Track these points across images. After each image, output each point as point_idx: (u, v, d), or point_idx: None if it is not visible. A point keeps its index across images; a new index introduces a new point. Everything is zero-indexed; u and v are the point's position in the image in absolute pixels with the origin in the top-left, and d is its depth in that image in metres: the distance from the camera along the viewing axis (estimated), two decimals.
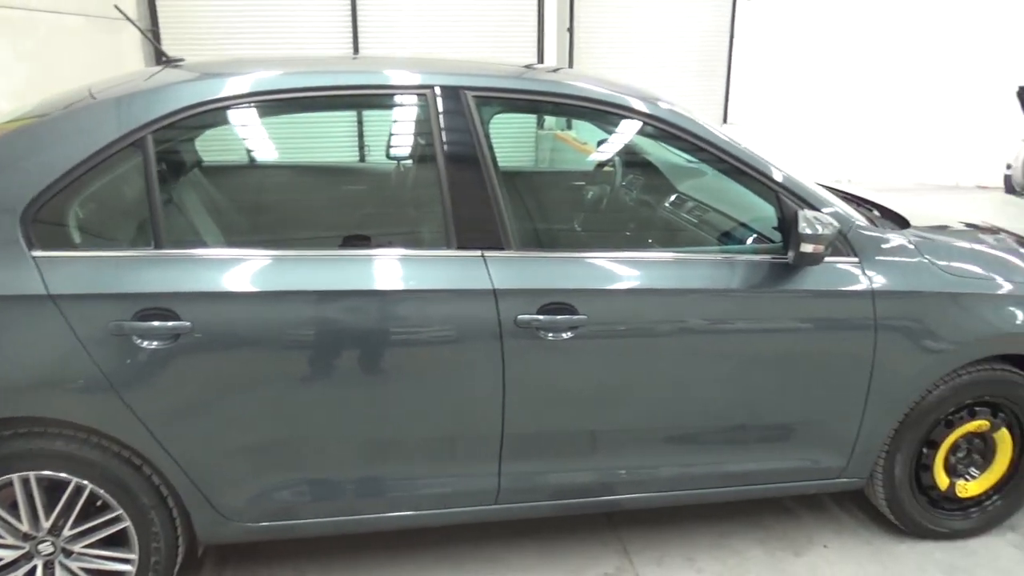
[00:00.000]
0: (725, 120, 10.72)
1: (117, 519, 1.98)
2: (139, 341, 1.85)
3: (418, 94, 2.12)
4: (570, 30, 9.20)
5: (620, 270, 2.12)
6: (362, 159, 6.62)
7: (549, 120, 7.74)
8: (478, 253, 2.03)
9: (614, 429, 2.21)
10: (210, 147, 2.54)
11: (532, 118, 7.47)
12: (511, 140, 7.75)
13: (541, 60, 9.01)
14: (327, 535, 2.34)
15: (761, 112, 9.95)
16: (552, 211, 3.14)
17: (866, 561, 2.43)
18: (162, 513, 2.02)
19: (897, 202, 2.82)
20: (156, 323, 1.85)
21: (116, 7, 2.84)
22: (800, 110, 9.42)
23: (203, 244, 2.14)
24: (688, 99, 9.85)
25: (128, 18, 2.66)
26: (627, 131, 2.57)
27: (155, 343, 1.86)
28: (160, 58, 2.46)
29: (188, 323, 1.86)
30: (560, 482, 2.23)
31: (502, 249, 2.05)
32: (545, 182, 3.64)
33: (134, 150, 1.90)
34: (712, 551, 2.46)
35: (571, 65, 9.37)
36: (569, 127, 7.28)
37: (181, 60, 2.36)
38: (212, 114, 2.00)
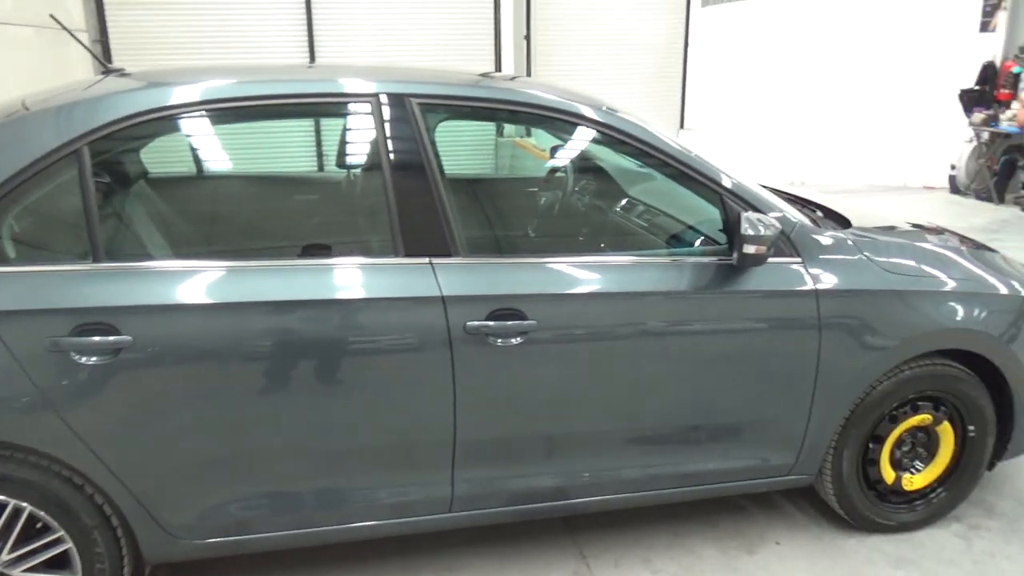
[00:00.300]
0: (682, 126, 10.88)
1: (58, 541, 1.93)
2: (77, 357, 1.81)
3: (363, 102, 2.11)
4: (527, 38, 9.25)
5: (569, 275, 2.14)
6: (320, 168, 6.58)
7: (508, 128, 7.79)
8: (426, 260, 2.02)
9: (567, 433, 2.22)
10: (155, 158, 2.50)
11: (491, 126, 7.51)
12: (471, 147, 7.79)
13: (499, 68, 9.05)
14: (280, 549, 2.30)
15: (717, 117, 10.12)
16: (506, 217, 3.15)
17: (817, 556, 2.47)
18: (106, 533, 1.97)
19: (846, 203, 2.89)
20: (95, 338, 1.81)
21: (52, 16, 2.77)
22: (754, 115, 9.61)
23: (146, 256, 2.10)
24: (645, 105, 10.03)
25: (63, 26, 2.60)
26: (576, 137, 2.60)
27: (94, 359, 1.82)
28: (102, 68, 2.41)
29: (129, 337, 1.83)
30: (515, 488, 2.23)
31: (450, 256, 2.05)
32: (501, 189, 3.65)
33: (70, 161, 1.86)
34: (668, 551, 2.48)
35: (529, 73, 9.42)
36: (528, 134, 7.34)
37: (120, 69, 2.32)
38: (152, 124, 1.97)
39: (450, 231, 2.05)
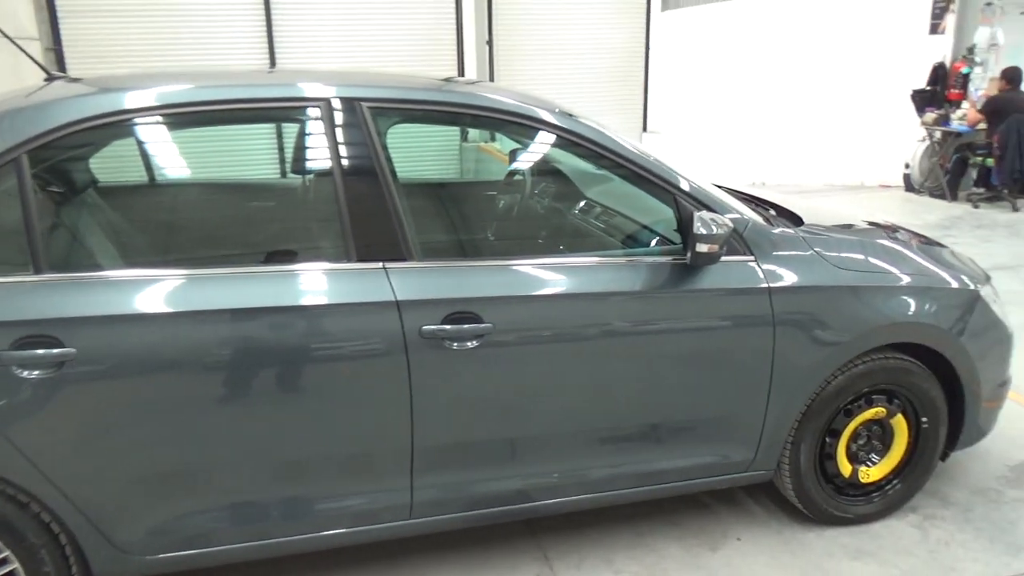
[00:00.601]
0: (645, 128, 10.97)
1: (4, 561, 1.87)
2: (19, 371, 1.76)
3: (313, 106, 2.09)
4: (489, 43, 9.27)
5: (525, 277, 2.14)
6: (283, 174, 6.50)
7: (473, 132, 7.79)
8: (379, 265, 2.01)
9: (527, 436, 2.21)
10: (101, 165, 2.45)
11: (455, 131, 7.51)
12: (435, 152, 7.77)
13: (462, 73, 9.05)
14: (236, 562, 2.26)
15: (679, 120, 10.23)
16: (464, 221, 3.14)
17: (778, 551, 2.50)
18: (54, 552, 1.91)
19: (803, 203, 2.93)
20: (38, 351, 1.76)
21: None
22: (716, 118, 9.74)
23: (93, 267, 2.04)
24: (608, 109, 10.10)
25: (3, 32, 2.53)
26: (531, 139, 2.61)
27: (37, 372, 1.77)
28: (46, 75, 2.35)
29: (73, 350, 1.78)
30: (475, 492, 2.21)
31: (404, 260, 2.03)
32: (460, 192, 3.64)
33: (8, 170, 1.81)
34: (630, 551, 2.49)
35: (492, 78, 9.44)
36: (493, 139, 7.34)
37: (65, 76, 2.27)
38: (96, 131, 1.93)
39: (403, 235, 2.04)
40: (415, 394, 2.03)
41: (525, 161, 3.12)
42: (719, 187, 2.55)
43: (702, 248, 2.10)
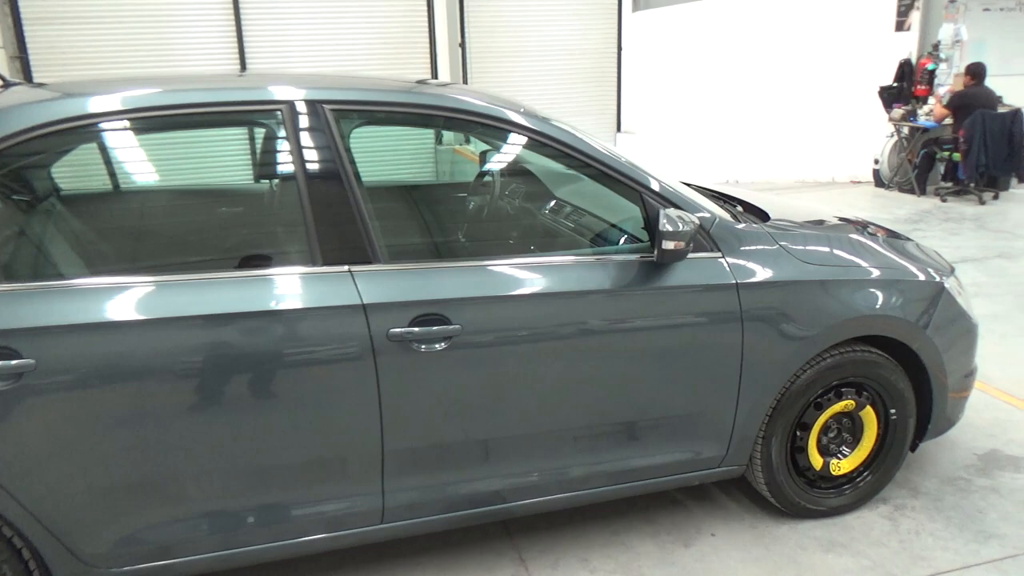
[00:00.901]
0: (619, 128, 11.02)
1: None
2: None
3: (276, 109, 2.07)
4: (462, 46, 9.26)
5: (493, 277, 2.13)
6: (256, 179, 6.44)
7: (447, 135, 7.77)
8: (344, 268, 1.99)
9: (499, 437, 2.20)
10: (64, 172, 2.40)
11: (428, 133, 7.48)
12: (410, 155, 7.74)
13: (435, 76, 9.03)
14: (208, 572, 2.23)
15: (652, 120, 10.29)
16: (433, 223, 3.13)
17: (751, 545, 2.51)
18: (16, 566, 1.88)
19: (766, 198, 2.95)
20: None
21: None
22: (690, 117, 9.80)
23: (52, 275, 2.01)
24: (583, 110, 10.14)
25: None
26: (499, 140, 2.60)
27: None
28: (3, 81, 2.31)
29: (32, 361, 1.75)
30: (447, 495, 2.20)
31: (370, 263, 2.02)
32: (430, 195, 3.63)
33: None
34: (605, 550, 2.49)
35: (465, 80, 9.43)
36: (467, 142, 7.33)
37: (21, 82, 2.23)
38: (57, 136, 1.90)
39: (369, 238, 2.02)
40: (384, 397, 2.01)
41: (495, 162, 3.12)
42: (687, 185, 2.56)
43: (668, 245, 2.11)
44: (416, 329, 2.00)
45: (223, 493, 2.00)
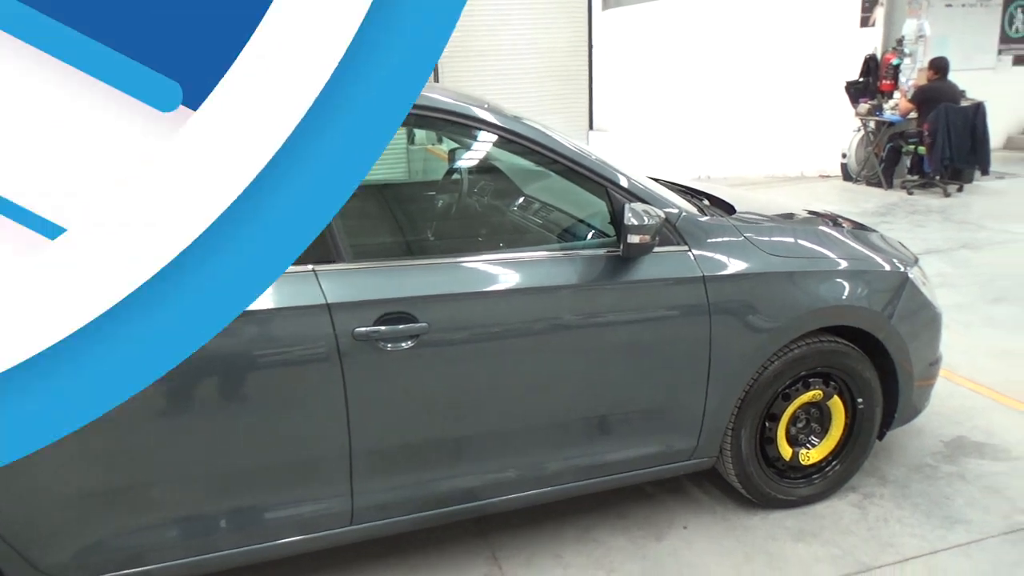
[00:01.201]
0: (591, 126, 11.07)
1: None
2: None
3: None
4: None
5: (459, 275, 2.12)
6: None
7: (419, 134, 7.74)
8: (308, 268, 1.97)
9: (469, 435, 2.19)
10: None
11: (401, 132, 7.44)
12: (384, 154, 7.71)
13: None
14: None
15: (624, 117, 10.35)
16: (400, 221, 3.11)
17: (722, 537, 2.53)
18: None
19: (732, 191, 2.97)
20: None
21: None
22: (660, 114, 9.86)
23: None
24: (554, 108, 10.16)
25: None
26: (465, 137, 2.59)
27: None
28: None
29: None
30: (417, 495, 2.19)
31: (334, 262, 2.00)
32: (399, 193, 3.60)
33: None
34: (578, 545, 2.49)
35: (436, 79, 9.40)
36: (440, 141, 7.30)
37: None
38: None
39: (333, 236, 2.00)
40: (350, 397, 1.99)
41: (463, 160, 3.11)
42: (653, 180, 2.57)
43: (634, 239, 2.11)
44: (382, 328, 1.98)
45: (190, 499, 1.97)
